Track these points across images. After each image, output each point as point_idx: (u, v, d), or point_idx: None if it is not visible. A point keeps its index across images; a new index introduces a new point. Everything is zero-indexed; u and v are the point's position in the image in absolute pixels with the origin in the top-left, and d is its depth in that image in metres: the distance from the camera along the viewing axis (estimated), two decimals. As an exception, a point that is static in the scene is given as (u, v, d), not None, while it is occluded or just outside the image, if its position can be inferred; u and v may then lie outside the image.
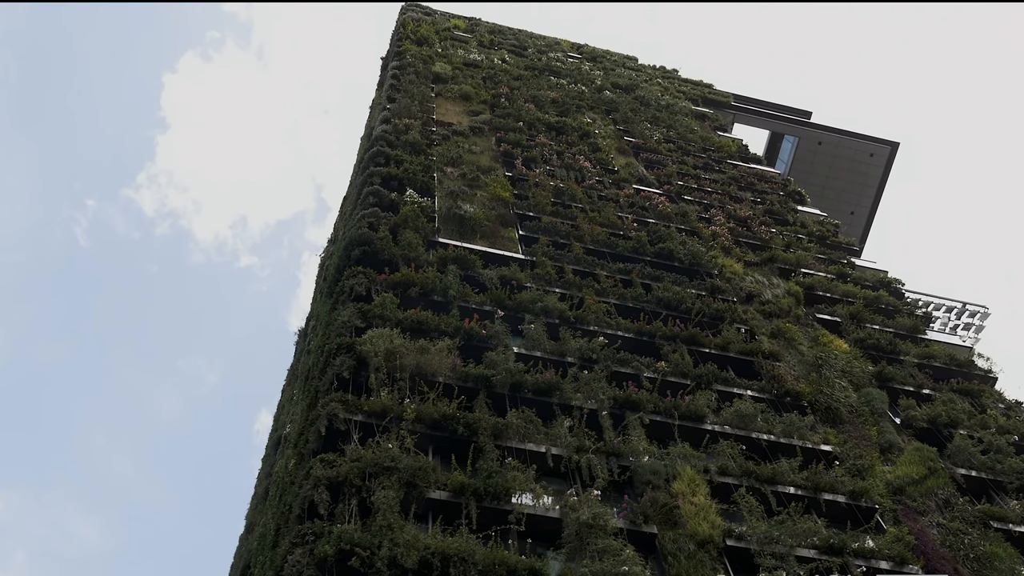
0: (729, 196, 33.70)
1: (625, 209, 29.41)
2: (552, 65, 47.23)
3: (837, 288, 27.20)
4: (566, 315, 20.91)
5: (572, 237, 25.73)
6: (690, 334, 21.71)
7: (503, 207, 27.24)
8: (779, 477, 17.14)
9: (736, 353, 21.75)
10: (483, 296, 20.90)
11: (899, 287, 29.06)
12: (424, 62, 40.86)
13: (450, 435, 15.82)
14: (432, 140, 30.99)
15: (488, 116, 35.48)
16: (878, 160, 53.11)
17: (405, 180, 26.06)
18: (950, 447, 19.92)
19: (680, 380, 19.88)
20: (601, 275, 23.75)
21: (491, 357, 18.16)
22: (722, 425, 18.54)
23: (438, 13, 54.13)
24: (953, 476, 18.95)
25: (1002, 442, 20.25)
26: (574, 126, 36.82)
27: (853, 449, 19.09)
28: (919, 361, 23.87)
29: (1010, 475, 19.39)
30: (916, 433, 20.52)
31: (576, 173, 31.60)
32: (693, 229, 29.08)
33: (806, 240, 31.13)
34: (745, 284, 25.84)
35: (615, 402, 18.07)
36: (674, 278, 24.71)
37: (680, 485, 15.89)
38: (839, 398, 20.62)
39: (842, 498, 17.28)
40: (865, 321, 25.42)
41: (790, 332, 23.64)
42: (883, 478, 18.21)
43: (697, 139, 40.57)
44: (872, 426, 20.10)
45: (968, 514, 17.78)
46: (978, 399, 22.72)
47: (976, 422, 21.18)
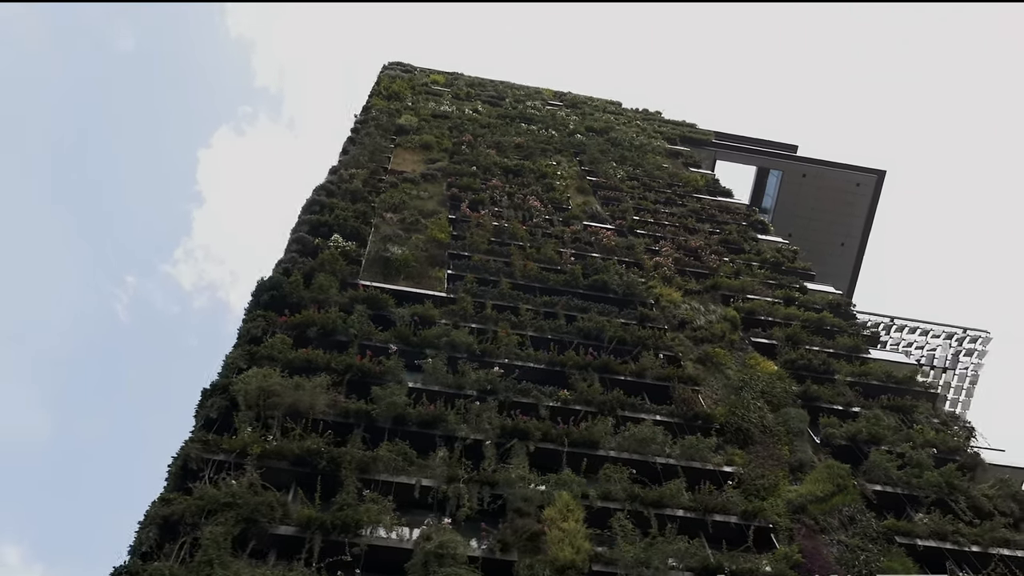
0: (685, 228, 33.39)
1: (568, 244, 29.25)
2: (526, 113, 47.56)
3: (779, 312, 26.67)
4: (472, 348, 20.68)
5: (502, 274, 25.59)
6: (603, 362, 21.36)
7: (438, 248, 27.24)
8: (666, 500, 16.64)
9: (652, 379, 21.33)
10: (387, 333, 20.78)
11: (849, 309, 28.37)
12: (389, 115, 41.41)
13: (312, 470, 15.58)
14: (378, 188, 31.25)
15: (445, 163, 35.72)
16: (865, 189, 52.49)
17: (335, 227, 26.22)
18: (865, 463, 19.27)
19: (584, 408, 19.51)
20: (523, 308, 23.53)
21: (376, 392, 17.95)
22: (619, 451, 18.06)
23: (418, 70, 55.03)
24: (864, 492, 18.26)
25: (923, 456, 19.53)
26: (533, 168, 36.89)
27: (758, 469, 18.51)
28: (852, 379, 23.18)
29: (926, 489, 18.68)
30: (834, 451, 19.88)
31: (524, 213, 31.59)
32: (637, 261, 28.82)
33: (758, 267, 30.62)
34: (679, 312, 25.43)
35: (503, 431, 17.74)
36: (602, 308, 24.40)
37: (551, 511, 15.45)
38: (752, 419, 20.07)
39: (734, 519, 16.71)
40: (802, 343, 24.83)
41: (718, 356, 23.16)
42: (786, 497, 17.54)
43: (664, 175, 40.41)
44: (785, 445, 19.50)
45: (871, 530, 17.10)
46: (910, 414, 22.00)
47: (901, 437, 20.48)
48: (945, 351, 54.06)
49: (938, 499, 18.58)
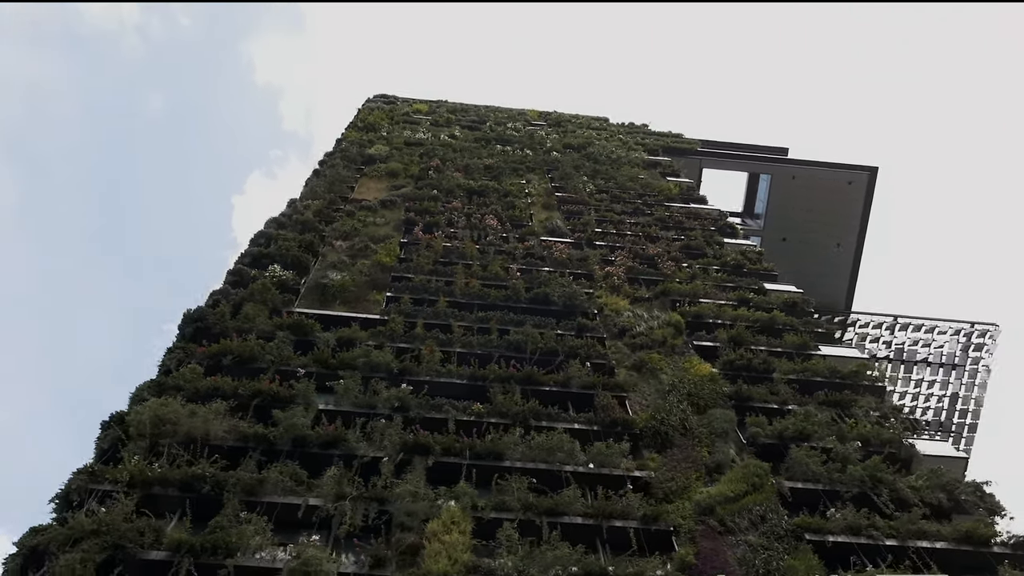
0: (647, 236, 33.10)
1: (519, 260, 29.15)
2: (505, 135, 47.67)
3: (727, 314, 26.25)
4: (391, 368, 20.59)
5: (441, 293, 25.51)
6: (528, 373, 21.14)
7: (382, 272, 27.28)
8: (561, 508, 16.33)
9: (578, 388, 21.05)
10: (306, 358, 20.79)
11: (806, 307, 27.78)
12: (361, 146, 41.81)
13: (198, 495, 15.56)
14: (332, 218, 31.43)
15: (408, 189, 35.89)
16: (857, 188, 51.72)
17: (276, 257, 26.39)
18: (787, 460, 18.77)
19: (499, 419, 19.30)
20: (455, 326, 23.40)
21: (277, 415, 17.93)
22: (525, 461, 17.79)
23: (400, 100, 55.54)
24: (780, 491, 17.77)
25: (849, 450, 19.00)
26: (498, 188, 36.89)
27: (671, 472, 18.10)
28: (795, 377, 22.70)
29: (848, 484, 18.14)
30: (759, 450, 19.38)
31: (479, 232, 31.54)
32: (589, 272, 28.59)
33: (716, 271, 30.24)
34: (621, 320, 25.13)
35: (404, 448, 17.57)
36: (538, 321, 24.21)
37: (435, 525, 15.23)
38: (672, 422, 19.69)
39: (634, 523, 16.34)
40: (746, 343, 24.37)
41: (653, 362, 22.82)
42: (695, 499, 17.14)
43: (637, 186, 40.16)
44: (705, 447, 19.07)
45: (780, 528, 16.61)
46: (848, 409, 21.41)
47: (831, 433, 19.94)
48: (953, 347, 52.88)
49: (861, 493, 18.03)
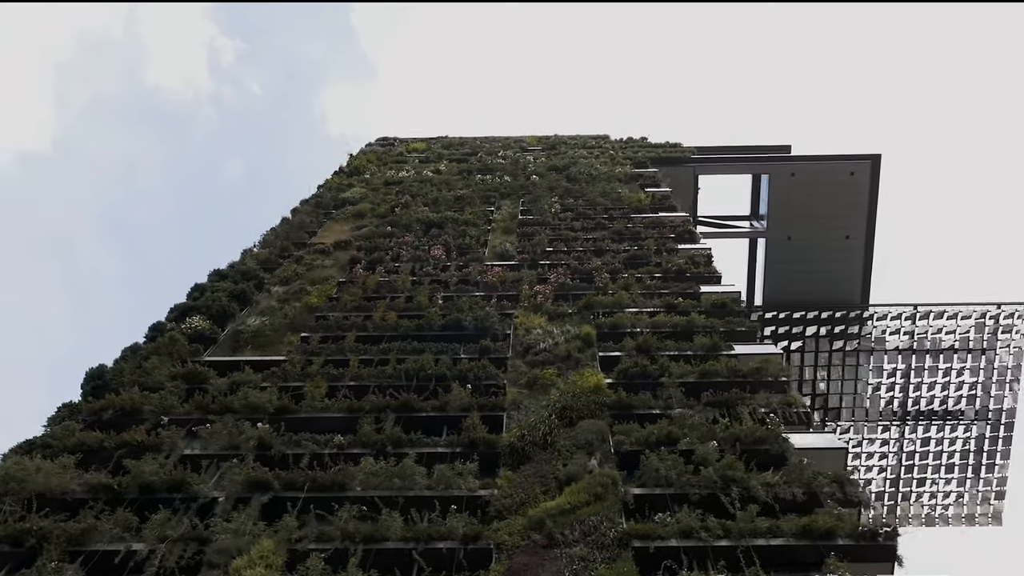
0: (596, 251, 32.88)
1: (451, 288, 29.35)
2: (490, 164, 48.15)
3: (643, 321, 25.84)
4: (267, 408, 20.99)
5: (355, 328, 25.90)
6: (405, 401, 21.27)
7: (308, 313, 27.82)
8: (382, 534, 16.36)
9: (455, 411, 21.05)
10: (189, 405, 21.37)
11: (736, 306, 27.10)
12: (338, 191, 42.75)
13: (27, 549, 16.16)
14: (278, 264, 32.24)
15: (370, 228, 36.52)
16: (861, 178, 50.16)
17: (202, 308, 27.17)
18: (641, 467, 18.38)
19: (360, 450, 19.45)
20: (353, 360, 23.71)
21: (129, 464, 18.48)
22: (368, 489, 17.89)
23: (397, 141, 56.50)
24: (625, 498, 17.42)
25: (708, 451, 18.47)
26: (458, 218, 37.22)
27: (515, 489, 17.91)
28: (691, 380, 22.20)
29: (698, 486, 17.62)
30: (621, 459, 19.02)
31: (422, 263, 31.85)
32: (516, 293, 28.60)
33: (650, 278, 29.79)
34: (529, 338, 25.02)
35: (247, 486, 17.88)
36: (442, 347, 24.33)
37: (241, 561, 15.45)
38: (533, 438, 19.49)
39: (455, 543, 16.24)
40: (655, 349, 23.95)
41: (547, 378, 22.65)
42: (529, 514, 16.94)
43: (607, 201, 39.94)
44: (561, 461, 18.82)
45: (607, 537, 16.27)
46: (734, 408, 20.81)
47: (702, 434, 19.42)
48: (980, 332, 50.66)
49: (711, 495, 17.49)
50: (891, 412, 52.44)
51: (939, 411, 52.28)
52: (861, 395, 52.50)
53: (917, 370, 51.63)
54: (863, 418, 52.56)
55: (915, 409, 52.28)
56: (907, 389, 52.12)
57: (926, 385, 51.84)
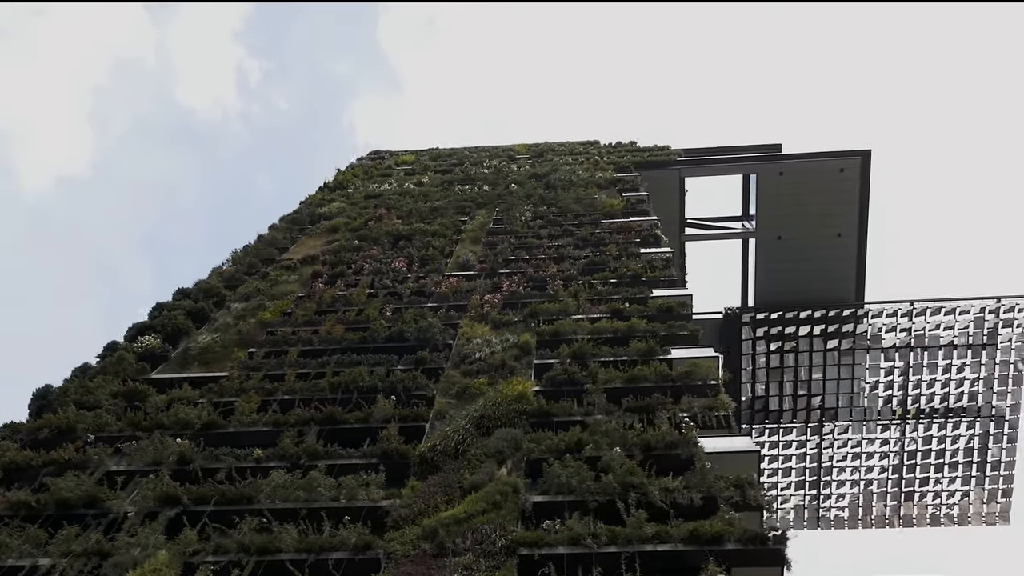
0: (556, 258, 33.00)
1: (404, 300, 29.64)
2: (473, 174, 48.39)
3: (584, 328, 25.90)
4: (193, 423, 21.42)
5: (300, 342, 26.29)
6: (329, 413, 21.59)
7: (262, 329, 28.26)
8: (277, 545, 16.65)
9: (378, 423, 21.32)
10: (122, 422, 21.86)
11: (683, 311, 27.04)
12: (318, 206, 43.27)
13: (-69, 567, 16.70)
14: (242, 281, 32.76)
15: (341, 243, 36.96)
16: (851, 174, 49.64)
17: (158, 327, 27.73)
18: (544, 475, 18.48)
19: (278, 463, 19.79)
20: (290, 374, 24.09)
21: (49, 482, 18.98)
22: (274, 501, 18.20)
23: (387, 154, 56.99)
24: (523, 506, 17.54)
25: (614, 456, 18.52)
26: (428, 230, 37.52)
27: (419, 498, 18.10)
28: (618, 386, 22.23)
29: (598, 492, 17.66)
30: (529, 467, 19.13)
31: (381, 276, 32.18)
32: (464, 303, 28.82)
33: (602, 284, 29.82)
34: (468, 348, 25.22)
35: (159, 501, 18.28)
36: (380, 359, 24.64)
37: (134, 574, 15.82)
38: (444, 448, 19.68)
39: (344, 554, 16.50)
40: (590, 356, 24.01)
41: (477, 387, 22.82)
42: (424, 524, 17.13)
43: (579, 207, 39.95)
44: (469, 470, 18.97)
45: (496, 546, 16.39)
46: (652, 413, 20.81)
47: (614, 440, 19.46)
48: (980, 327, 49.89)
49: (609, 501, 17.53)
50: (890, 411, 51.78)
51: (940, 409, 51.52)
52: (859, 394, 51.90)
53: (916, 368, 50.93)
54: (861, 417, 51.95)
55: (915, 407, 51.57)
56: (906, 387, 51.43)
57: (925, 383, 51.12)
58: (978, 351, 49.93)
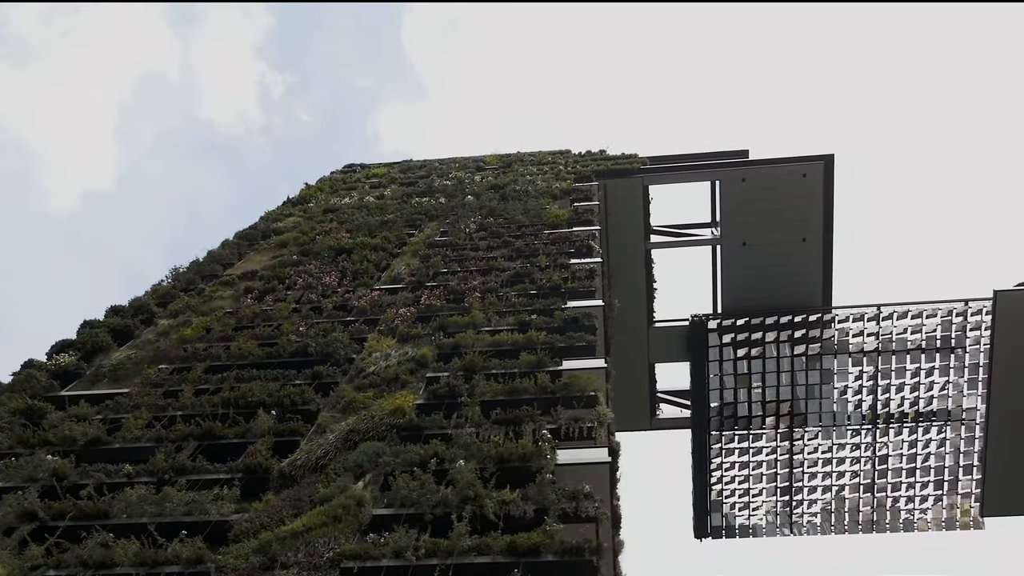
0: (483, 271, 33.36)
1: (323, 314, 30.16)
2: (435, 187, 48.84)
3: (484, 340, 26.25)
4: (77, 440, 22.04)
5: (209, 358, 26.88)
6: (208, 429, 22.09)
7: (180, 345, 28.87)
8: (116, 559, 17.14)
9: (255, 438, 21.79)
10: (12, 439, 22.53)
11: (587, 322, 27.25)
12: (274, 220, 43.96)
13: None
14: (176, 297, 33.46)
15: (284, 258, 37.59)
16: (813, 179, 49.48)
17: (78, 344, 28.47)
18: (391, 487, 18.84)
19: (148, 478, 20.31)
20: (188, 389, 24.67)
21: (-83, 499, 19.65)
22: (131, 517, 18.72)
23: (359, 167, 57.66)
24: (362, 519, 17.92)
25: (464, 470, 18.82)
26: (370, 243, 38.03)
27: (266, 513, 18.53)
28: (491, 398, 22.53)
29: (435, 506, 17.99)
30: (384, 479, 19.50)
31: (311, 291, 32.72)
32: (376, 318, 29.29)
33: (518, 295, 30.11)
34: (366, 362, 25.67)
35: (18, 516, 18.86)
36: (275, 374, 25.16)
37: (-38, 591, 16.42)
38: (304, 462, 20.12)
39: (177, 568, 16.95)
40: (481, 369, 24.35)
41: (360, 402, 23.26)
42: (261, 537, 17.56)
43: (525, 218, 40.26)
44: (324, 484, 19.38)
45: (322, 559, 16.78)
46: (519, 426, 21.10)
47: (472, 453, 19.76)
48: (947, 330, 49.44)
49: (446, 514, 17.84)
50: (860, 416, 51.42)
51: (910, 413, 51.08)
52: (829, 399, 51.60)
53: (884, 372, 50.55)
54: (832, 422, 51.64)
55: (885, 412, 51.17)
56: (876, 392, 51.06)
57: (895, 387, 50.71)
58: (947, 354, 49.45)
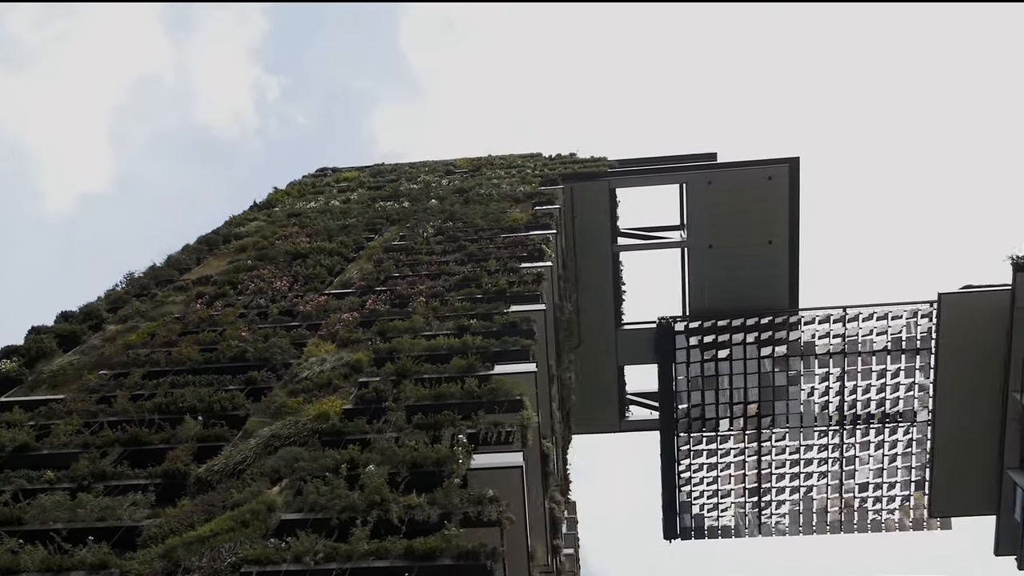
0: (433, 276, 33.53)
1: (270, 319, 30.34)
2: (400, 190, 49.06)
3: (420, 345, 26.41)
4: (5, 446, 22.23)
5: (149, 364, 27.07)
6: (133, 435, 22.26)
7: (124, 350, 29.08)
8: (22, 565, 17.32)
9: (180, 443, 21.96)
10: (-59, 445, 22.73)
11: (524, 326, 27.44)
12: (238, 225, 44.16)
13: None
14: (127, 302, 33.69)
15: (241, 263, 37.79)
16: (779, 182, 49.79)
17: (24, 351, 28.70)
18: (303, 493, 19.02)
19: (69, 484, 20.49)
20: (123, 395, 24.87)
21: None
22: (43, 523, 18.90)
23: (330, 171, 57.90)
24: (269, 524, 18.11)
25: (368, 475, 19.00)
26: (327, 248, 38.21)
27: (177, 518, 18.70)
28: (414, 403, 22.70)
29: (342, 511, 18.17)
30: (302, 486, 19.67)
31: (260, 297, 32.92)
32: (320, 322, 29.48)
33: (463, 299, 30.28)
34: (302, 367, 25.86)
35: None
36: (210, 380, 25.35)
37: None
38: (222, 468, 20.33)
39: (82, 574, 17.12)
40: (413, 374, 24.53)
41: (290, 407, 23.45)
42: (168, 542, 17.75)
43: (484, 222, 40.46)
44: (239, 489, 19.56)
45: (224, 564, 16.96)
46: (439, 431, 21.29)
47: (387, 457, 19.94)
48: (912, 332, 49.67)
49: (352, 518, 18.01)
50: (827, 417, 51.61)
51: (877, 414, 51.28)
52: (796, 401, 51.79)
53: (851, 373, 50.76)
54: (799, 424, 51.83)
55: (852, 413, 51.36)
56: (843, 393, 51.26)
57: (861, 388, 50.92)
58: (912, 356, 49.63)
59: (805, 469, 52.54)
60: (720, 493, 53.79)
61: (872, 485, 52.07)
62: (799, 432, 52.12)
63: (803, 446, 52.40)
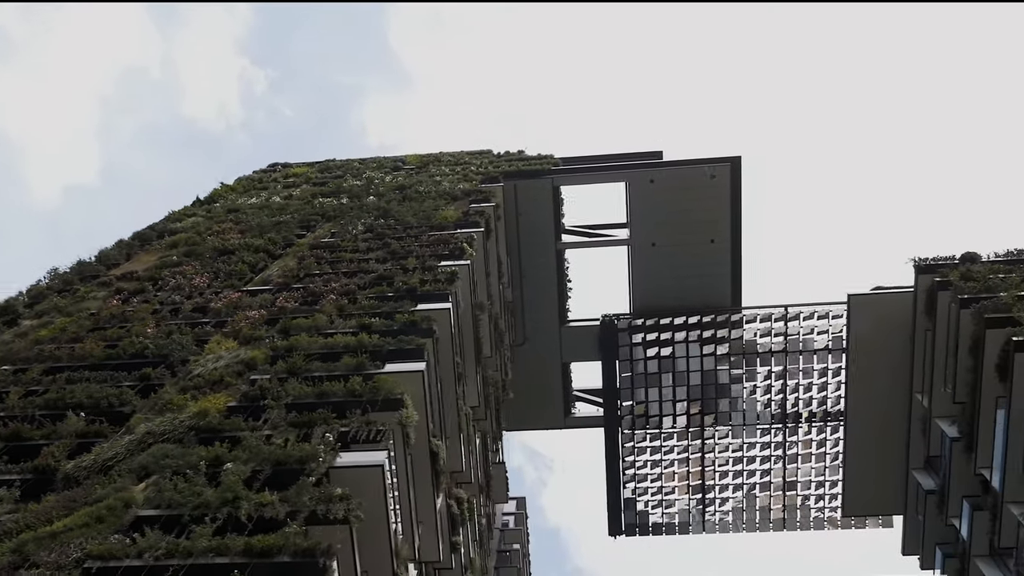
0: (350, 273, 33.73)
1: (181, 315, 30.53)
2: (342, 187, 49.16)
3: (318, 343, 26.61)
4: None
5: (51, 359, 27.26)
6: (15, 430, 22.47)
7: (35, 346, 29.23)
8: None
9: (59, 439, 22.17)
10: None
11: (423, 325, 27.64)
12: (176, 220, 44.30)
13: None
14: (47, 297, 33.84)
15: (169, 259, 37.93)
16: (721, 180, 50.00)
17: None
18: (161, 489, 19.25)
19: (-63, 481, 20.70)
20: (16, 391, 25.07)
21: None
22: (-97, 518, 19.11)
23: (280, 166, 57.97)
24: (124, 520, 18.34)
25: (226, 473, 19.23)
26: (254, 245, 38.37)
27: (36, 513, 18.90)
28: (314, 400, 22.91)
29: (195, 508, 18.38)
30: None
31: (177, 293, 33.07)
32: (227, 320, 29.66)
33: (369, 299, 30.46)
34: (197, 364, 26.07)
35: None
36: (105, 376, 25.55)
37: None
38: (90, 464, 20.58)
39: (-77, 571, 17.36)
40: (303, 371, 24.75)
41: (176, 403, 23.66)
42: (20, 537, 17.96)
43: (415, 220, 40.60)
44: (103, 486, 19.78)
45: (70, 559, 17.18)
46: (311, 429, 21.53)
47: (253, 455, 20.17)
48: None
49: (202, 515, 18.24)
50: (769, 415, 51.96)
51: (818, 412, 51.65)
52: (739, 399, 52.13)
53: (792, 372, 51.08)
54: (741, 422, 52.17)
55: (794, 411, 51.72)
56: (785, 391, 51.61)
57: (803, 387, 51.26)
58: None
59: (748, 467, 52.89)
60: (664, 490, 54.13)
61: (814, 483, 52.43)
62: (742, 430, 52.45)
63: (746, 444, 52.74)
